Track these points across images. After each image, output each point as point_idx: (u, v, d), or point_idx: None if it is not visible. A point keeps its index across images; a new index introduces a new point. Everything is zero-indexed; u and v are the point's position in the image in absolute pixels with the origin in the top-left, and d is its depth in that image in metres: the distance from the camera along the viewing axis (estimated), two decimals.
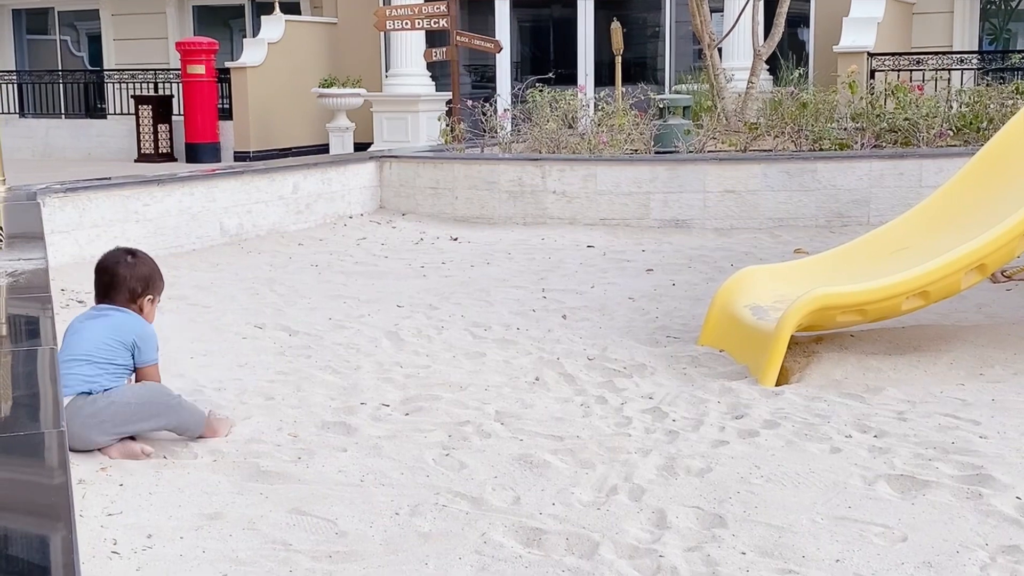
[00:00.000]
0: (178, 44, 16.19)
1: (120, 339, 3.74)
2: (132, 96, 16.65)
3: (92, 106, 18.20)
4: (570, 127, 10.40)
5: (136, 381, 3.80)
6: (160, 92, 16.74)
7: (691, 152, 9.62)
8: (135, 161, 15.87)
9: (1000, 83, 10.82)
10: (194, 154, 15.53)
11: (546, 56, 17.04)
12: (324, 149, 15.27)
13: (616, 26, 12.25)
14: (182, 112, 15.94)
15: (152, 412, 3.70)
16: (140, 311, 3.85)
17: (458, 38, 11.67)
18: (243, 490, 3.39)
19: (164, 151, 16.11)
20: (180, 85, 16.00)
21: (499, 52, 12.68)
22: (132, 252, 3.91)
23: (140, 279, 3.84)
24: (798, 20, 14.85)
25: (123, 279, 3.82)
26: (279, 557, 2.91)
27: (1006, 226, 4.73)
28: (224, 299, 6.42)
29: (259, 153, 15.10)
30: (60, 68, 19.30)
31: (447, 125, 11.14)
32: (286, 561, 2.89)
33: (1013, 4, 15.58)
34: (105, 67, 18.74)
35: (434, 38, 14.40)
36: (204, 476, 3.51)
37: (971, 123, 9.49)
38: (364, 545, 2.98)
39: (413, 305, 6.19)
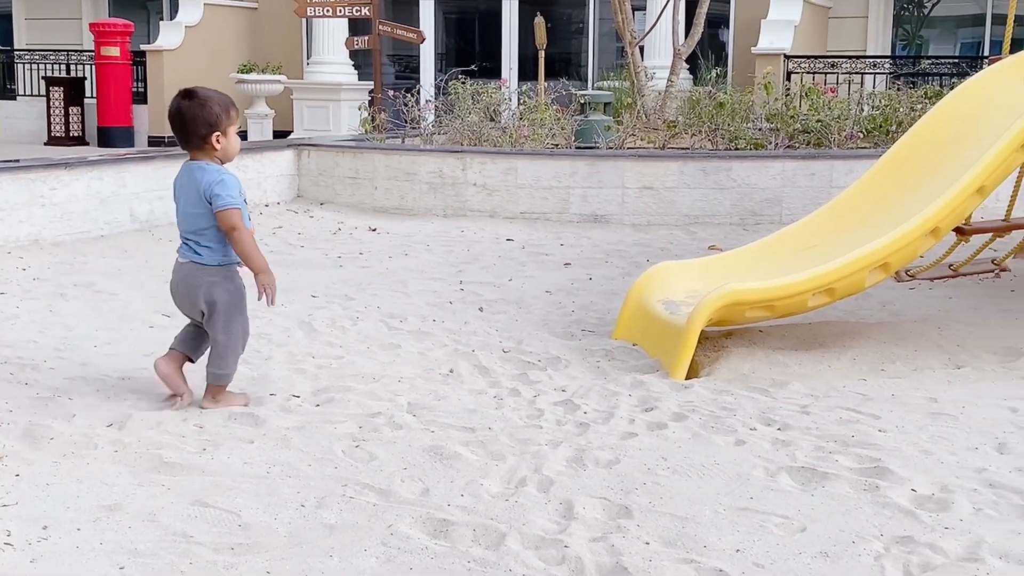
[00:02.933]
0: (92, 25, 15.84)
1: (204, 200, 3.86)
2: (43, 77, 16.24)
3: (2, 87, 17.70)
4: (492, 120, 10.41)
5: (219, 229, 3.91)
6: (73, 74, 16.36)
7: (611, 148, 9.69)
8: (45, 144, 15.49)
9: (911, 87, 11.10)
10: (107, 138, 15.20)
11: (471, 49, 17.03)
12: (243, 136, 15.04)
13: (540, 21, 12.28)
14: (95, 95, 15.59)
15: (227, 326, 4.00)
16: (213, 147, 3.89)
17: (380, 27, 11.60)
18: (144, 481, 3.33)
19: (76, 134, 15.75)
20: (93, 67, 15.65)
21: (422, 42, 12.64)
22: (188, 94, 3.88)
23: (204, 122, 3.84)
24: (719, 21, 15.05)
25: (187, 128, 3.87)
26: (179, 549, 2.86)
27: (909, 226, 4.86)
28: (132, 287, 6.29)
29: (175, 138, 14.83)
30: None
31: (368, 115, 11.06)
32: (186, 553, 2.84)
33: (926, 11, 15.98)
34: (15, 47, 18.23)
35: (357, 26, 14.29)
36: (104, 467, 3.44)
37: (881, 126, 9.72)
38: (267, 537, 2.95)
39: (328, 295, 6.14)
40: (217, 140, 3.87)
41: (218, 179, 3.86)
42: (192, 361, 4.11)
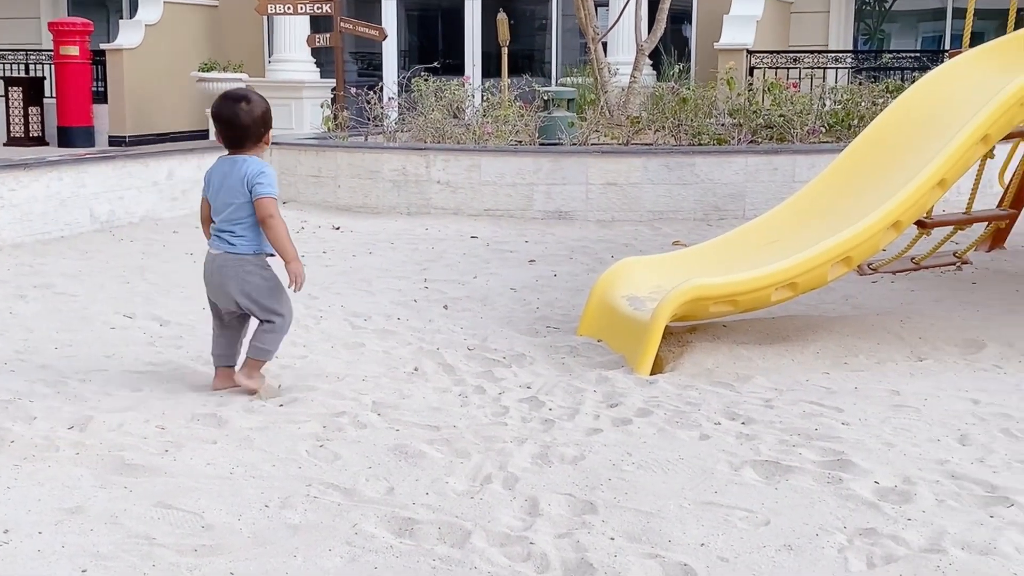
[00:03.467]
0: (51, 24, 15.63)
1: (246, 189, 4.09)
2: (1, 78, 16.02)
3: None
4: (455, 117, 10.38)
5: (255, 215, 4.13)
6: (31, 74, 16.16)
7: (574, 144, 9.70)
8: (4, 145, 15.27)
9: (873, 82, 11.18)
10: (67, 138, 15.02)
11: (434, 46, 16.97)
12: (204, 135, 14.91)
13: (502, 17, 12.26)
14: (54, 95, 15.41)
15: (274, 306, 4.18)
16: (266, 144, 4.21)
17: (342, 24, 11.54)
18: (106, 483, 3.30)
19: (35, 135, 15.55)
20: (52, 67, 15.47)
21: (384, 39, 12.58)
22: (241, 97, 4.14)
23: (261, 122, 4.14)
24: (681, 16, 15.08)
25: (249, 129, 4.12)
26: (142, 551, 2.83)
27: (870, 220, 4.90)
28: (93, 288, 6.23)
29: (135, 138, 14.69)
30: None
31: (331, 113, 11.00)
32: (149, 555, 2.81)
33: (887, 5, 16.11)
34: None
35: (319, 23, 14.19)
36: (66, 470, 3.41)
37: (843, 120, 9.78)
38: (231, 538, 2.93)
39: (291, 295, 6.09)
40: (268, 138, 4.21)
41: (261, 170, 4.12)
42: (233, 367, 4.28)
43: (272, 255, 4.20)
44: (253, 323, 4.29)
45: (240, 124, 4.10)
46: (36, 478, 3.33)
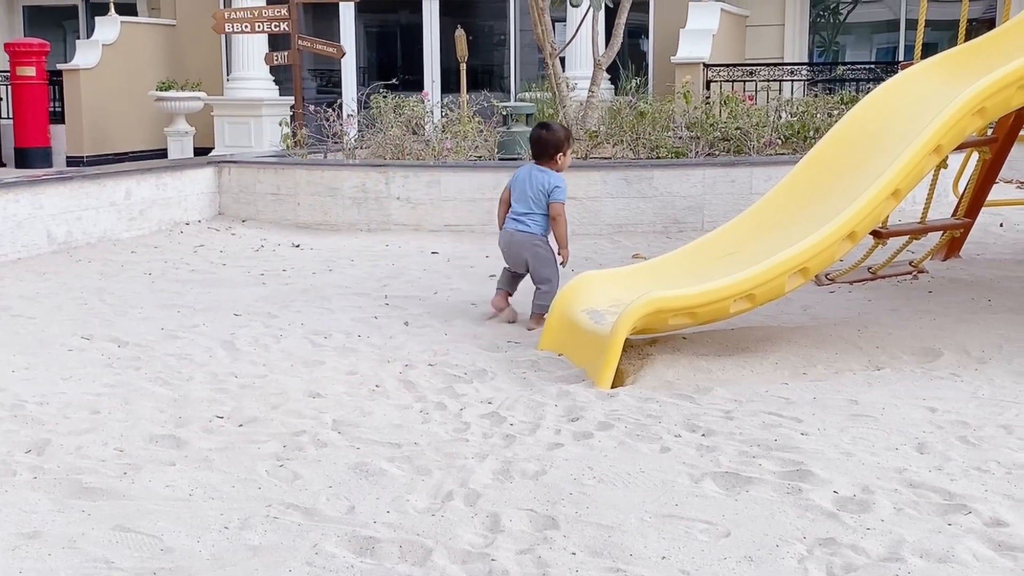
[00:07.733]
0: (6, 45, 15.50)
1: (542, 191, 5.77)
2: None
3: None
4: (415, 133, 10.37)
5: (546, 211, 5.81)
6: None
7: None
8: None
9: (828, 93, 11.30)
10: (24, 159, 14.89)
11: (393, 62, 16.98)
12: (163, 154, 14.84)
13: (460, 34, 12.27)
14: (11, 116, 15.26)
15: (549, 275, 5.81)
16: (556, 162, 5.83)
17: (300, 42, 11.51)
18: (64, 508, 3.26)
19: None
20: (9, 88, 15.33)
21: (342, 57, 12.56)
22: (546, 126, 5.92)
23: (552, 144, 5.79)
24: (638, 31, 15.20)
25: (543, 145, 5.81)
26: None
27: (827, 231, 4.95)
28: (50, 310, 6.16)
29: (93, 158, 14.57)
30: None
31: (290, 130, 10.97)
32: None
33: (841, 17, 16.31)
34: None
35: (277, 41, 14.17)
36: (23, 494, 3.36)
37: (799, 132, 9.87)
38: (190, 561, 2.90)
39: (251, 313, 6.07)
40: (559, 158, 5.82)
41: (558, 183, 5.79)
42: (511, 295, 5.96)
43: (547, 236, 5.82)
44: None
45: (539, 144, 5.80)
46: None
